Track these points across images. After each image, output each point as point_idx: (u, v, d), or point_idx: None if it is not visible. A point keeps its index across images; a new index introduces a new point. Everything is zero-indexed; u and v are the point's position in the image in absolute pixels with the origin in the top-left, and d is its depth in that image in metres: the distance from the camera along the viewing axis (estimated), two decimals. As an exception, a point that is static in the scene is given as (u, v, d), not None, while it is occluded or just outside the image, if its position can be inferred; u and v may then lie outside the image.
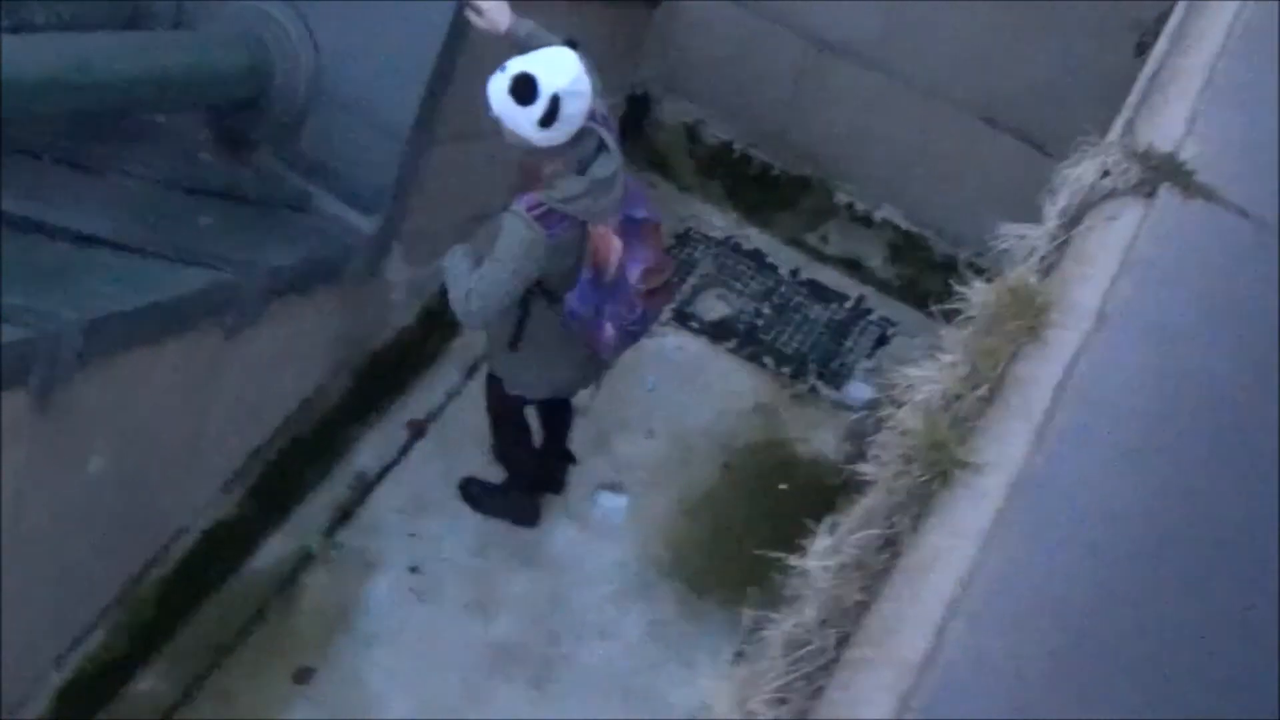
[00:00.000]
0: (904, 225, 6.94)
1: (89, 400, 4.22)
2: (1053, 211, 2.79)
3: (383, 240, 5.28)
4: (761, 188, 7.15)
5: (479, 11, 4.71)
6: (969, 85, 6.27)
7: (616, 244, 4.53)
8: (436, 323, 6.07)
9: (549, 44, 4.54)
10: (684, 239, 7.11)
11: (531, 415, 5.62)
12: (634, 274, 4.56)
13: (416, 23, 4.97)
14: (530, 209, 4.36)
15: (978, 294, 2.53)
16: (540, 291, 4.68)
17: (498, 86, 4.24)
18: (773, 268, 7.10)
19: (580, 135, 4.35)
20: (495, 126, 4.32)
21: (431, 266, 5.07)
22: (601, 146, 4.43)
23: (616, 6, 6.57)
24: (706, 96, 7.02)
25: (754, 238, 7.20)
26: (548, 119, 4.20)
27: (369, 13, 5.06)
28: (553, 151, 4.35)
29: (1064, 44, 5.87)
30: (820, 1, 6.42)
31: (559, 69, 4.22)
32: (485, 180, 5.40)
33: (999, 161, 6.28)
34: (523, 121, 4.23)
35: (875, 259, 7.07)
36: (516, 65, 4.24)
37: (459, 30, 4.94)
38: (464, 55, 5.07)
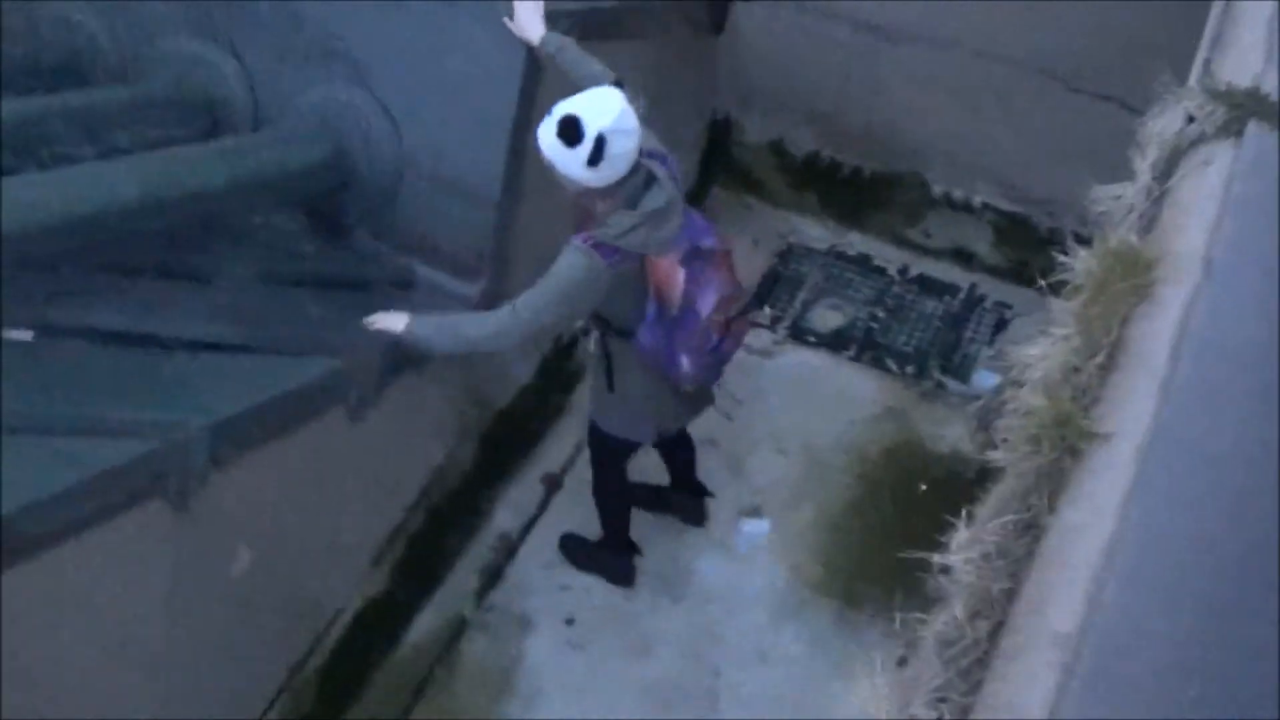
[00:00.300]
0: (1005, 206, 6.85)
1: (227, 500, 4.29)
2: (1144, 166, 2.75)
3: (489, 302, 5.31)
4: (855, 191, 7.11)
5: (510, 15, 4.80)
6: (1043, 51, 6.18)
7: (679, 276, 4.51)
8: (556, 376, 6.11)
9: (582, 67, 4.67)
10: (787, 255, 7.09)
11: (652, 461, 5.65)
12: (707, 304, 4.56)
13: (489, 83, 5.00)
14: (586, 242, 4.39)
15: (1081, 262, 2.49)
16: (613, 330, 4.75)
17: (546, 130, 4.29)
18: (880, 270, 7.06)
19: (631, 173, 4.36)
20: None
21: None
22: (651, 180, 4.44)
23: (684, 37, 6.59)
24: (785, 110, 6.99)
25: (856, 243, 7.16)
26: (594, 158, 4.23)
27: (440, 81, 5.10)
28: (604, 191, 4.36)
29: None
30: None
31: (603, 109, 4.25)
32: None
33: (1087, 125, 6.15)
34: (571, 163, 4.26)
35: (981, 244, 7.00)
36: (562, 108, 4.28)
37: (531, 83, 4.97)
38: (539, 106, 5.09)
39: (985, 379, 6.52)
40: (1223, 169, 2.59)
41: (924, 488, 6.06)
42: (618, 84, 4.47)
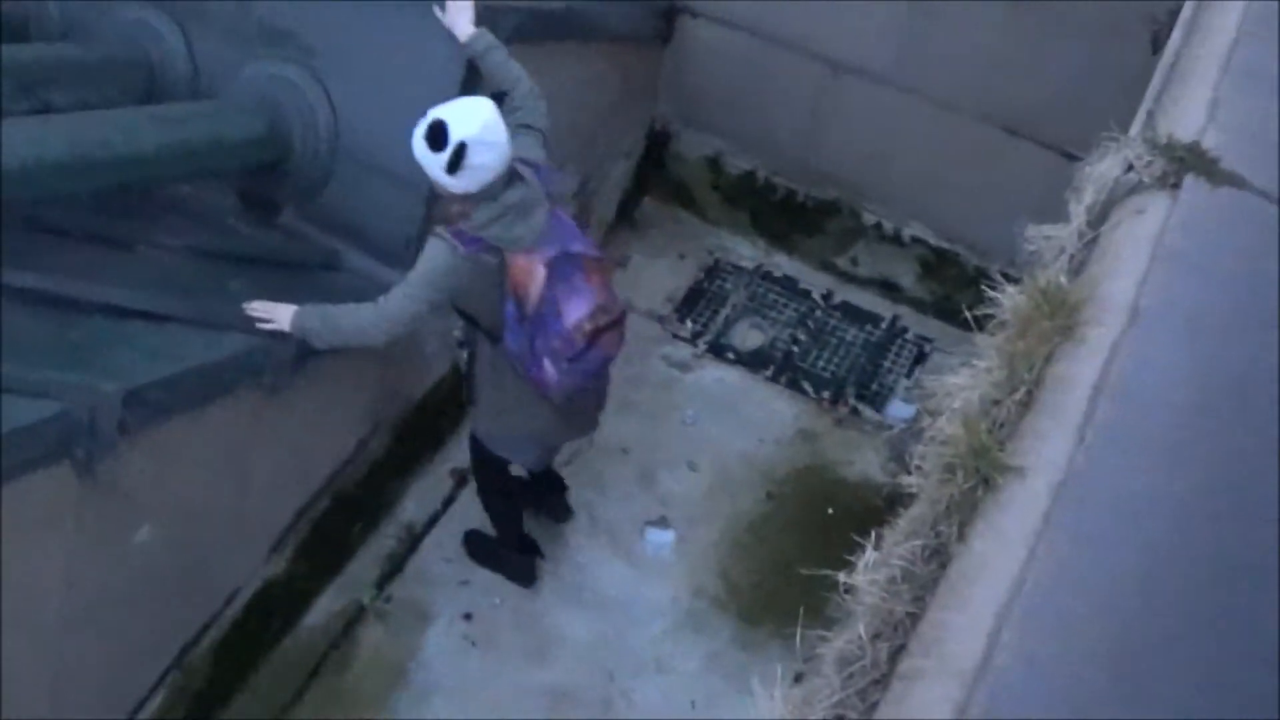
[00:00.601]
0: (934, 242, 6.91)
1: (133, 470, 4.24)
2: (1079, 210, 2.78)
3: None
4: (788, 214, 7.15)
5: (441, 9, 4.85)
6: (987, 96, 6.26)
7: (539, 275, 4.52)
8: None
9: (504, 71, 4.77)
10: (713, 271, 7.12)
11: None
12: (574, 311, 4.57)
13: (429, 76, 4.99)
14: (448, 230, 4.48)
15: (1009, 298, 2.52)
16: (482, 331, 4.81)
17: (418, 132, 4.34)
18: (805, 293, 7.10)
19: (494, 183, 4.41)
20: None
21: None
22: (514, 177, 4.48)
23: (628, 45, 6.60)
24: (725, 127, 7.03)
25: (784, 265, 7.20)
26: (453, 165, 4.30)
27: (382, 70, 5.11)
28: (464, 199, 4.42)
29: (1080, 46, 5.85)
30: (831, 24, 6.41)
31: (470, 118, 4.31)
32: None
33: (1025, 170, 6.25)
34: (434, 167, 4.33)
35: (907, 277, 7.06)
36: (434, 112, 4.33)
37: (471, 80, 4.97)
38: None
39: (900, 409, 6.58)
40: (1156, 219, 2.63)
41: (831, 511, 6.10)
42: (497, 97, 4.52)
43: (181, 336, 4.48)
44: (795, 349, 6.84)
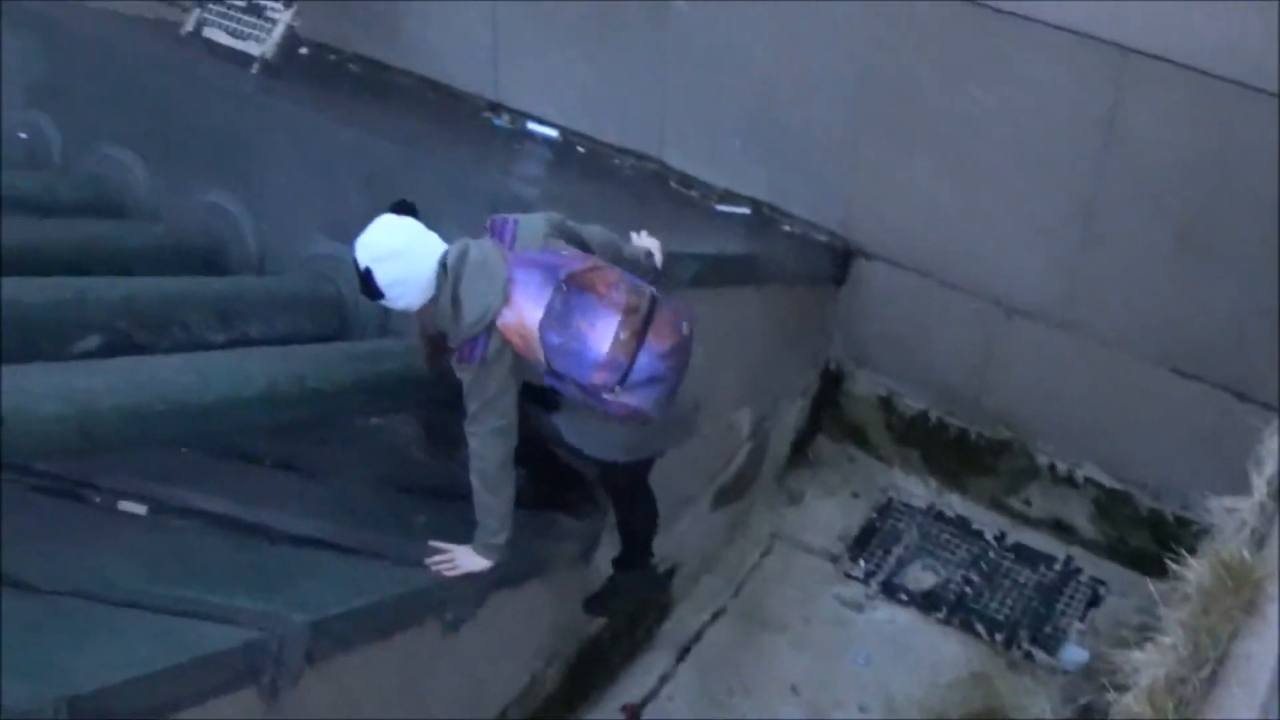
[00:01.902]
0: (1107, 482, 6.86)
1: (315, 697, 4.31)
2: (1260, 483, 2.78)
3: (593, 531, 5.40)
4: (960, 453, 7.16)
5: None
6: (1155, 335, 6.24)
7: (529, 315, 4.20)
8: (646, 607, 6.14)
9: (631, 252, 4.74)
10: (886, 510, 7.13)
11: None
12: (606, 333, 4.15)
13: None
14: (462, 360, 4.33)
15: (1192, 572, 2.52)
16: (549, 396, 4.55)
17: None
18: (978, 534, 7.07)
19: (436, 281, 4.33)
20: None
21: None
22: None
23: (803, 287, 6.73)
24: (898, 367, 7.10)
25: (956, 504, 7.19)
26: (370, 294, 4.33)
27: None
28: (426, 310, 4.40)
29: (1247, 285, 5.82)
30: (1000, 266, 6.49)
31: (364, 242, 4.34)
32: (685, 468, 5.52)
33: (1195, 410, 6.24)
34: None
35: (1080, 518, 6.99)
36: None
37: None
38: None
39: (1074, 654, 6.47)
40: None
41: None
42: (400, 206, 4.45)
43: (368, 568, 4.61)
44: (968, 590, 6.79)
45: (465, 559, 4.63)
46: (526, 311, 4.21)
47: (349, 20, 7.48)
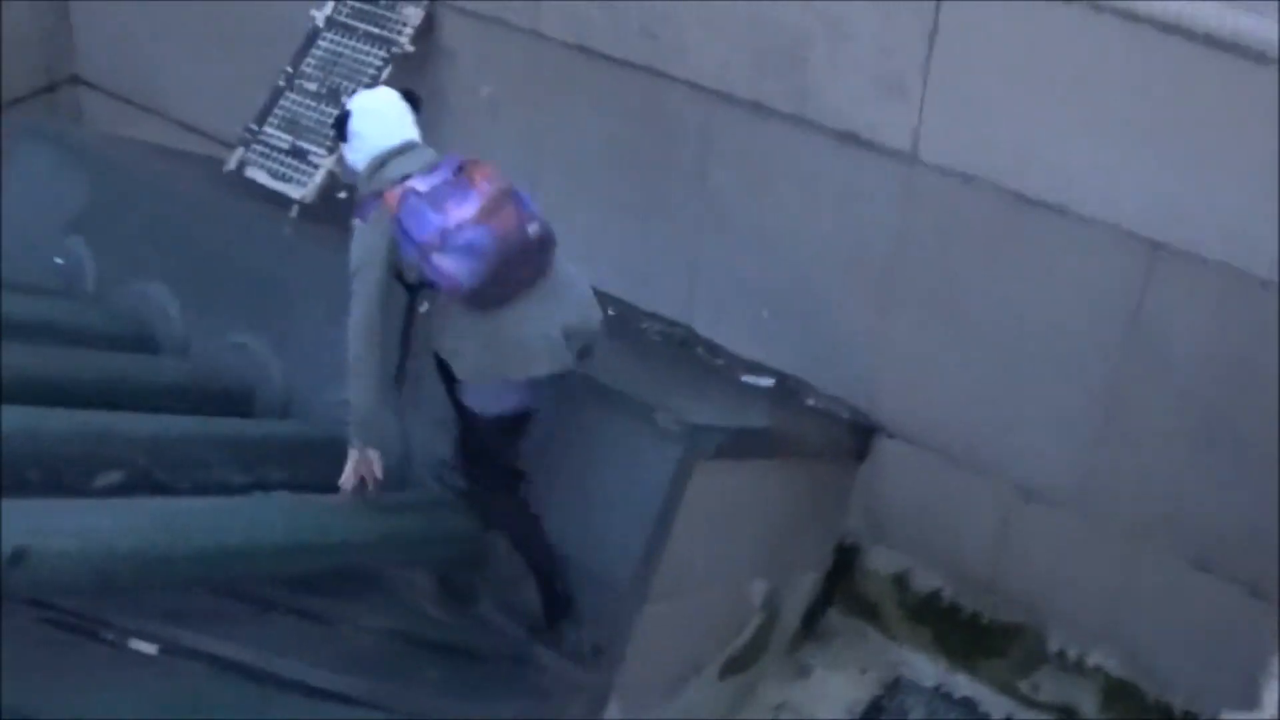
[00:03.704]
0: (1116, 671, 6.79)
1: None
2: (1271, 699, 2.77)
3: (601, 692, 5.36)
4: (971, 634, 7.11)
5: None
6: (1172, 527, 6.23)
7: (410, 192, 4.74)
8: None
9: None
10: (894, 688, 7.06)
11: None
12: (459, 209, 4.69)
13: (637, 482, 5.16)
14: (354, 215, 4.87)
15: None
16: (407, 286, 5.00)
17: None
18: (984, 716, 6.98)
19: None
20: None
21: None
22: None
23: (825, 462, 6.75)
24: (914, 545, 7.08)
25: (964, 685, 7.11)
26: (339, 129, 4.96)
27: (590, 474, 5.31)
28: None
29: (1266, 482, 5.83)
30: (1021, 450, 6.50)
31: (361, 95, 5.13)
32: (696, 635, 5.50)
33: (1209, 603, 6.22)
34: (344, 152, 5.05)
35: (1088, 705, 6.91)
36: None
37: (679, 488, 5.12)
38: (680, 514, 5.24)
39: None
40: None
41: None
42: (410, 95, 5.07)
43: (377, 723, 4.59)
44: (972, 774, 6.72)
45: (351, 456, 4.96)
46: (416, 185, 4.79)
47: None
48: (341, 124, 4.96)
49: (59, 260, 6.65)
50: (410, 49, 7.22)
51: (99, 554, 4.06)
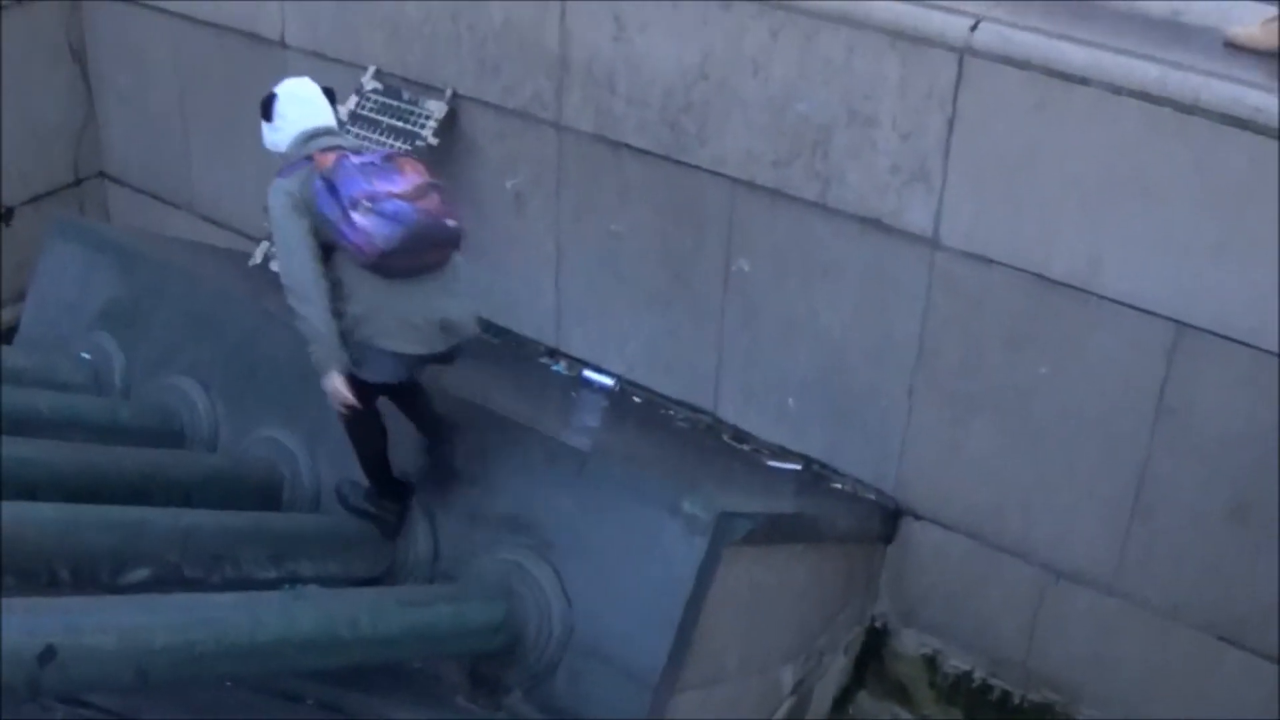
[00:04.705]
0: (1146, 753, 6.76)
1: None
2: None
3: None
4: (1002, 715, 7.05)
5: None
6: (1205, 603, 6.21)
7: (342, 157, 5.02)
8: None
9: None
10: (926, 772, 7.03)
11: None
12: (385, 184, 4.95)
13: (666, 577, 5.16)
14: (280, 175, 5.11)
15: None
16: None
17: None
18: (1017, 796, 6.94)
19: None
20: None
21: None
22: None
23: (852, 545, 6.74)
24: (944, 627, 7.05)
25: (995, 768, 7.07)
26: (265, 111, 5.23)
27: (618, 563, 5.30)
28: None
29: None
30: (1051, 531, 6.49)
31: (288, 81, 5.33)
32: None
33: (1238, 679, 6.20)
34: (265, 133, 5.29)
35: (1119, 783, 6.88)
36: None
37: (705, 581, 5.11)
38: (709, 601, 5.23)
39: None
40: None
41: None
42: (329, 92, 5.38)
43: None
44: None
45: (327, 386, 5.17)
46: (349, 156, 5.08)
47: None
48: (268, 105, 5.25)
49: (85, 355, 6.70)
50: (434, 142, 7.29)
51: (133, 650, 4.05)
